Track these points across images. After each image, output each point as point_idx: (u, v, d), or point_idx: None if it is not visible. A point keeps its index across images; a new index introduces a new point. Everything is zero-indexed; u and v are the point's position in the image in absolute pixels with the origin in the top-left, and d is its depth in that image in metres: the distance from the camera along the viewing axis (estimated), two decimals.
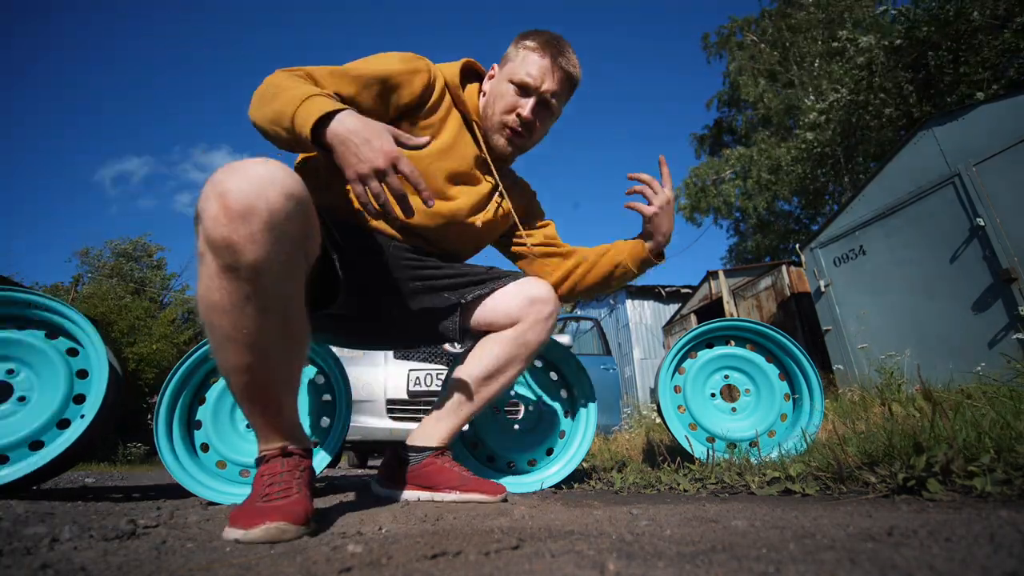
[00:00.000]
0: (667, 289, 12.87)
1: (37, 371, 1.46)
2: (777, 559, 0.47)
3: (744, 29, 17.01)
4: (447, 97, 1.29)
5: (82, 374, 1.50)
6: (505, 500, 1.23)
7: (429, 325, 1.34)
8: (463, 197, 1.32)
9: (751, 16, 17.17)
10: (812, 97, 12.20)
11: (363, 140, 0.88)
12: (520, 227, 1.45)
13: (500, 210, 1.41)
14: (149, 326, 15.13)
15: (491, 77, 1.35)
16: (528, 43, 1.29)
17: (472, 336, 1.38)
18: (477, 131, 1.34)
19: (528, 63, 1.27)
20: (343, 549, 0.59)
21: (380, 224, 1.28)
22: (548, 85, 1.26)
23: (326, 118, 0.91)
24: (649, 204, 1.38)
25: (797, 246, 5.91)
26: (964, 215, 4.20)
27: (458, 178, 1.31)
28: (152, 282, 21.90)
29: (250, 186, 0.73)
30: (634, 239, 1.46)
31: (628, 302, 12.69)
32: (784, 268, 7.52)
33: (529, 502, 1.24)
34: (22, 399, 1.44)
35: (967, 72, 8.37)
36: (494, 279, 1.36)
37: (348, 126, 0.89)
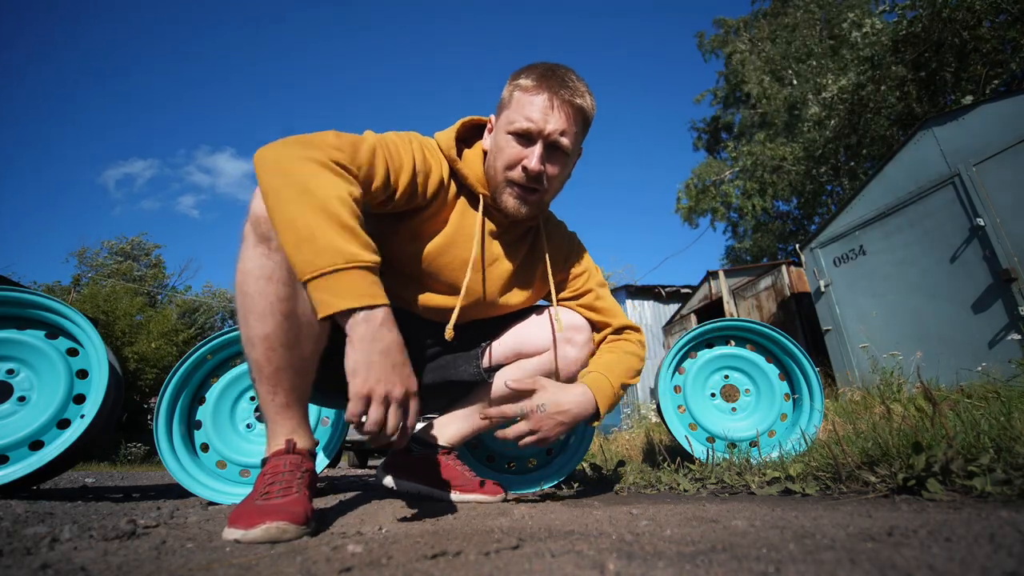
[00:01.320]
0: (667, 289, 12.86)
1: (37, 371, 1.46)
2: (777, 559, 0.47)
3: (740, 29, 16.96)
4: (452, 179, 1.18)
5: (82, 374, 1.50)
6: (505, 500, 1.24)
7: (451, 374, 1.30)
8: (485, 282, 1.23)
9: (746, 17, 17.11)
10: (812, 95, 12.20)
11: (395, 362, 0.79)
12: (554, 300, 1.31)
13: (535, 281, 1.30)
14: (147, 325, 15.14)
15: (490, 131, 1.20)
16: (522, 82, 1.11)
17: (498, 369, 1.32)
18: (482, 202, 1.20)
19: (525, 106, 1.09)
20: (343, 549, 0.59)
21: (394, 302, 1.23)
22: (554, 125, 1.08)
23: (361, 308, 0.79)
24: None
25: (797, 246, 5.91)
26: (964, 215, 4.19)
27: (475, 262, 1.20)
28: (152, 280, 21.94)
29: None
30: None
31: (628, 302, 12.68)
32: (784, 268, 7.52)
33: (529, 502, 1.24)
34: (22, 399, 1.44)
35: (972, 61, 8.37)
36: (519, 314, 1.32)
37: (383, 339, 0.79)
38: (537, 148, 1.09)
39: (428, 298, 1.20)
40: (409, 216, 1.12)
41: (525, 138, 1.10)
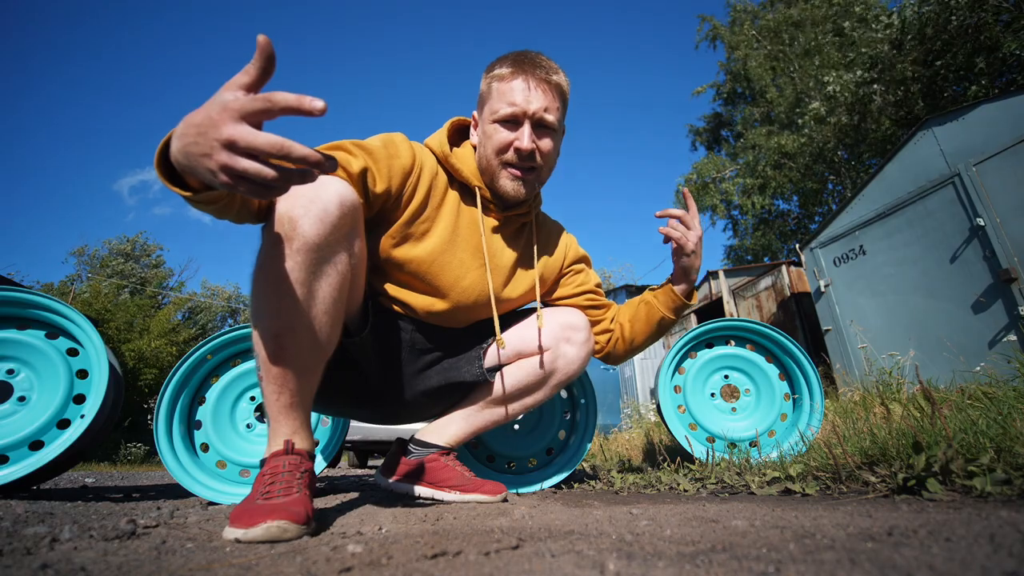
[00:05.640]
0: None
1: (37, 371, 1.46)
2: (777, 559, 0.47)
3: (746, 21, 16.82)
4: (440, 176, 1.20)
5: (82, 374, 1.50)
6: (505, 500, 1.24)
7: (453, 376, 1.29)
8: (484, 278, 1.24)
9: (753, 5, 16.93)
10: (815, 91, 12.17)
11: (196, 134, 0.64)
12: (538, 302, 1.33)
13: (532, 275, 1.32)
14: (147, 323, 15.12)
15: (475, 126, 1.25)
16: (497, 71, 1.17)
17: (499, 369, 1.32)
18: (479, 196, 1.23)
19: (505, 93, 1.14)
20: (343, 549, 0.59)
21: (398, 308, 1.22)
22: (536, 104, 1.14)
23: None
24: (681, 244, 1.30)
25: (797, 246, 5.91)
26: (964, 215, 4.20)
27: (476, 259, 1.23)
28: (153, 281, 21.95)
29: (316, 182, 0.90)
30: (661, 287, 1.40)
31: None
32: (784, 268, 7.52)
33: (529, 502, 1.24)
34: (22, 399, 1.44)
35: (973, 63, 8.38)
36: (518, 315, 1.34)
37: (179, 128, 0.67)
38: (526, 128, 1.15)
39: (431, 303, 1.21)
40: (395, 218, 1.13)
41: (512, 123, 1.15)
